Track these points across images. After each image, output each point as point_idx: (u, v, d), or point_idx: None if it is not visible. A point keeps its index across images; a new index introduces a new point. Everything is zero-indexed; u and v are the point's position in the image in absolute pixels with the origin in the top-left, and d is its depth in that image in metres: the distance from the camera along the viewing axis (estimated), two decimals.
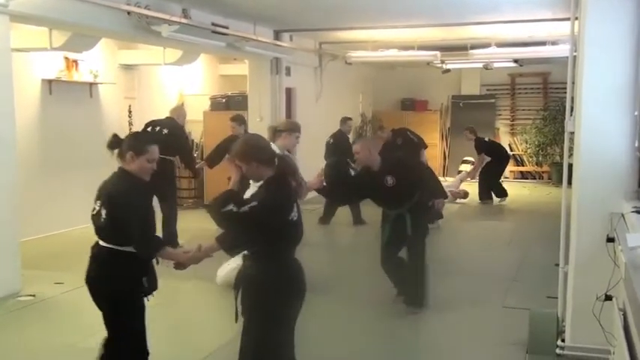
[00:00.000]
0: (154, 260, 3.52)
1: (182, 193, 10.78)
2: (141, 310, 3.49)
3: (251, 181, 3.45)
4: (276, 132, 5.86)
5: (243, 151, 3.34)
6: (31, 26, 7.33)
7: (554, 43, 10.89)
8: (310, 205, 11.46)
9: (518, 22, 9.63)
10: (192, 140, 10.65)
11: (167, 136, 7.52)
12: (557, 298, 4.74)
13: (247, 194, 3.44)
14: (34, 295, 5.76)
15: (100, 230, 3.39)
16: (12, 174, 6.01)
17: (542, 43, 11.01)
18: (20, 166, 6.36)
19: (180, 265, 3.46)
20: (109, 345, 3.49)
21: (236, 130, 7.78)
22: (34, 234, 7.86)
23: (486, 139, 12.16)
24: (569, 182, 4.59)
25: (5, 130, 5.86)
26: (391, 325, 5.36)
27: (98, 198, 3.42)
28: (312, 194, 4.81)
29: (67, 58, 8.66)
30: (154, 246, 3.40)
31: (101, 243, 3.40)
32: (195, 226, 7.70)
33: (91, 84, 9.22)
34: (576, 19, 4.54)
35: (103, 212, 3.33)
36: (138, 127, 10.21)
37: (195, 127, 11.00)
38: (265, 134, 10.28)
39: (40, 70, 8.43)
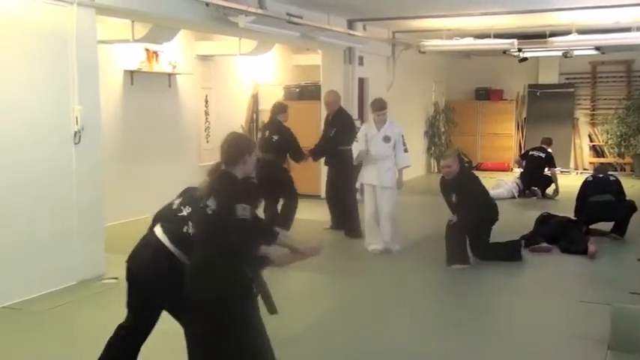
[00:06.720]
0: None
1: None
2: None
3: None
4: None
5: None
6: (114, 19, 7.60)
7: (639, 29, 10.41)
8: None
9: (602, 7, 9.26)
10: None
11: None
12: None
13: None
14: (116, 278, 5.94)
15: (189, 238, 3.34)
16: (97, 160, 6.27)
17: (627, 29, 10.53)
18: (104, 152, 6.63)
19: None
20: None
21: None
22: (117, 219, 8.17)
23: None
24: None
25: (92, 118, 6.10)
26: (465, 315, 5.33)
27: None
28: None
29: (147, 50, 8.95)
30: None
31: (166, 243, 3.40)
32: None
33: (169, 74, 9.50)
34: None
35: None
36: (214, 116, 10.48)
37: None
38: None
39: (123, 61, 8.74)
